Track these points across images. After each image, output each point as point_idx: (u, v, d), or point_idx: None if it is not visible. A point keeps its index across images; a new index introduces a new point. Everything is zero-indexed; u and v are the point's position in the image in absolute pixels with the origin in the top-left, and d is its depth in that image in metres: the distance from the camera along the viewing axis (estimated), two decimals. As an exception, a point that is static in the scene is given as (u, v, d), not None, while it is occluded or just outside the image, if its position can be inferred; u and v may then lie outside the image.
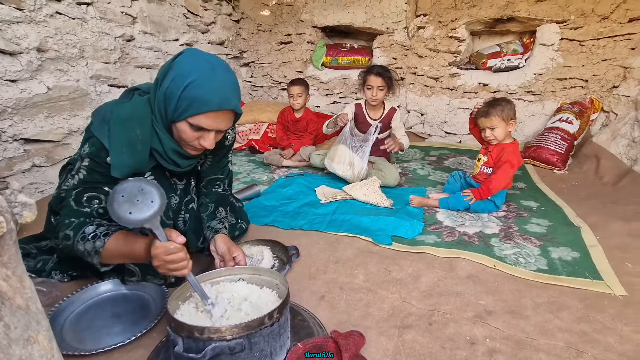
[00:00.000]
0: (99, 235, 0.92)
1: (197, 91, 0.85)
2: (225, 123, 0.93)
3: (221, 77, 0.89)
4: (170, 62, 0.90)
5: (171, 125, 0.92)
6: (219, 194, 1.20)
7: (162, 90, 0.89)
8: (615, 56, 2.55)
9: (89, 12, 2.12)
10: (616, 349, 0.93)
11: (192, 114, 0.87)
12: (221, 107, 0.88)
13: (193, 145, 0.94)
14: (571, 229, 1.55)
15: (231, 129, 1.16)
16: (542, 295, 1.15)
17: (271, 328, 0.73)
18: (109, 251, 0.92)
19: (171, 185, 1.07)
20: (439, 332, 0.99)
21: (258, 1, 3.57)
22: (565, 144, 2.41)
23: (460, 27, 2.95)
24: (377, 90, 2.13)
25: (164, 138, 0.94)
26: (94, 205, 0.97)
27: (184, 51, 0.91)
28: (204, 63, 0.88)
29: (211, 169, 1.18)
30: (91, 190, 0.96)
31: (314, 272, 1.29)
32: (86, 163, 0.95)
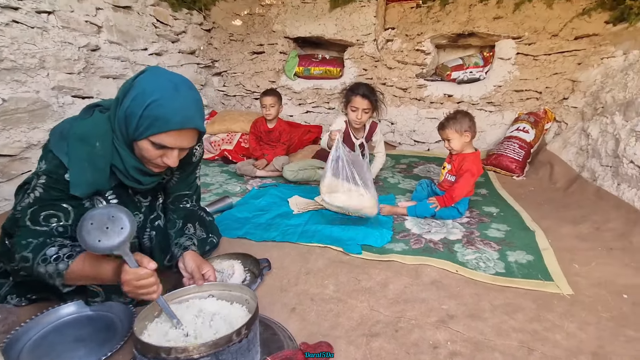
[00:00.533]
0: (62, 257, 0.89)
1: (159, 110, 0.85)
2: (189, 141, 0.93)
3: (184, 96, 0.88)
4: (131, 80, 0.89)
5: (132, 143, 0.91)
6: (188, 210, 1.20)
7: (122, 109, 0.88)
8: (564, 70, 2.78)
9: (50, 21, 2.05)
10: (563, 345, 1.02)
11: (154, 133, 0.86)
12: (184, 126, 0.88)
13: (156, 163, 0.94)
14: (527, 233, 1.66)
15: (198, 145, 1.16)
16: (499, 298, 1.23)
17: (239, 344, 0.74)
18: (73, 274, 0.89)
19: (135, 202, 1.06)
20: (404, 339, 1.04)
21: (230, 11, 3.58)
22: (522, 152, 2.58)
23: (426, 41, 3.09)
24: (362, 113, 2.00)
25: (125, 155, 0.93)
26: (52, 224, 0.93)
27: (146, 69, 0.91)
28: (166, 82, 0.87)
29: (178, 185, 1.17)
30: (48, 207, 0.93)
31: (285, 284, 1.30)
32: (42, 180, 0.92)
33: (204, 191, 2.24)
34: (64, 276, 0.89)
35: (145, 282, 0.82)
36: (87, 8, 2.26)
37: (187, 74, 3.35)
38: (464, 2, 2.96)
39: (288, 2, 3.42)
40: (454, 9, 2.99)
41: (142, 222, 1.08)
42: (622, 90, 2.03)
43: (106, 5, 2.40)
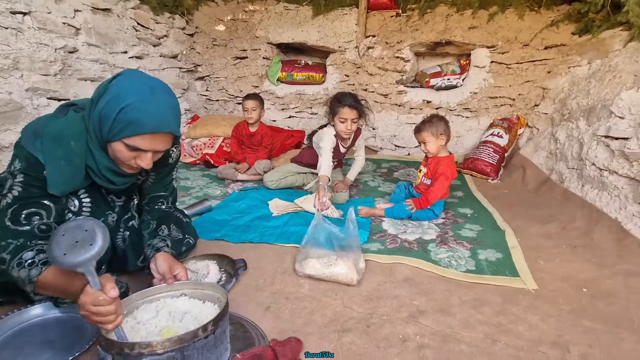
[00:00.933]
0: (37, 263, 0.87)
1: (134, 114, 0.85)
2: (163, 145, 0.93)
3: (160, 100, 0.89)
4: (107, 82, 0.90)
5: (106, 144, 0.92)
6: (162, 211, 1.20)
7: (97, 111, 0.88)
8: (535, 78, 2.91)
9: (25, 22, 2.02)
10: (525, 336, 1.06)
11: (128, 135, 0.87)
12: (158, 130, 0.89)
13: (129, 164, 0.94)
14: (497, 233, 1.73)
15: (175, 147, 1.16)
16: (468, 294, 1.27)
17: (205, 340, 0.75)
18: (44, 283, 0.86)
19: (108, 202, 1.05)
20: (375, 334, 1.07)
21: (213, 16, 3.59)
22: (497, 156, 2.67)
23: (405, 49, 3.19)
24: (351, 123, 2.00)
25: (98, 156, 0.93)
26: (34, 222, 0.92)
27: (122, 72, 0.92)
28: (142, 86, 0.88)
29: (154, 186, 1.17)
30: (29, 206, 0.92)
31: (261, 284, 1.31)
32: (20, 179, 0.90)
33: (183, 194, 2.22)
34: (34, 283, 0.87)
35: (102, 309, 0.75)
36: (65, 10, 2.24)
37: (169, 78, 3.34)
38: (441, 12, 3.07)
39: (271, 8, 3.47)
40: (431, 18, 3.10)
41: (115, 222, 1.08)
42: (585, 97, 2.15)
43: (85, 8, 2.38)
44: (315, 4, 3.33)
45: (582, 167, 1.96)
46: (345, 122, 2.00)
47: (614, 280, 1.32)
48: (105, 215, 1.03)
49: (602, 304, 1.21)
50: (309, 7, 3.38)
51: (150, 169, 1.12)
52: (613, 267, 1.40)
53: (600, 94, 2.00)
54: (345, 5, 3.30)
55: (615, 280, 1.32)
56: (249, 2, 3.50)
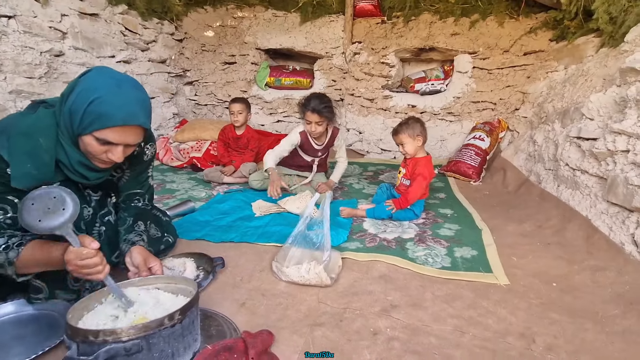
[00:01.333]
0: (12, 246, 0.90)
1: (102, 107, 0.87)
2: (133, 138, 0.95)
3: (127, 93, 0.91)
4: (77, 78, 0.92)
5: (77, 139, 0.93)
6: (139, 208, 1.21)
7: (67, 105, 0.90)
8: (515, 83, 2.99)
9: (10, 26, 2.04)
10: (493, 328, 1.09)
11: (98, 128, 0.89)
12: (126, 123, 0.91)
13: (101, 158, 0.95)
14: (474, 231, 1.77)
15: (150, 144, 1.18)
16: (442, 289, 1.30)
17: (172, 329, 0.76)
18: (24, 261, 0.90)
19: (84, 197, 1.07)
20: (347, 327, 1.09)
21: (202, 22, 3.64)
22: (479, 159, 2.73)
23: (390, 54, 3.26)
24: (316, 125, 2.10)
25: (70, 151, 0.94)
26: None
27: (92, 69, 0.94)
28: (109, 80, 0.90)
29: (129, 183, 1.19)
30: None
31: (238, 281, 1.33)
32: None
33: (168, 197, 2.23)
34: (14, 264, 0.89)
35: (88, 262, 0.83)
36: (52, 14, 2.26)
37: (157, 83, 3.37)
38: (424, 19, 3.15)
39: (260, 15, 3.53)
40: (415, 25, 3.18)
41: (91, 216, 1.09)
42: (560, 100, 2.22)
43: (72, 12, 2.40)
44: (303, 11, 3.40)
45: (557, 168, 2.02)
46: (310, 124, 2.11)
47: (582, 275, 1.36)
48: (81, 209, 1.04)
49: (570, 297, 1.25)
50: (297, 14, 3.45)
51: (125, 167, 1.14)
52: (582, 262, 1.44)
53: (573, 97, 2.08)
54: (332, 13, 3.38)
55: (583, 275, 1.36)
56: (238, 8, 3.56)
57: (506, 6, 2.92)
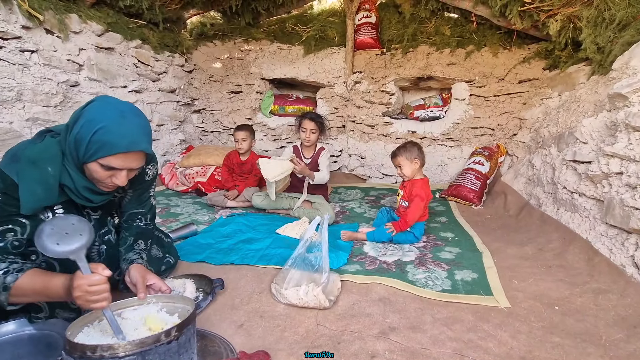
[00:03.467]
0: (12, 271, 0.91)
1: (107, 136, 0.92)
2: (136, 162, 1.00)
3: (130, 122, 0.96)
4: (81, 109, 0.98)
5: (82, 166, 0.98)
6: (141, 228, 1.24)
7: (72, 135, 0.95)
8: (512, 109, 3.07)
9: (32, 59, 2.18)
10: (493, 352, 1.07)
11: (102, 156, 0.93)
12: (129, 149, 0.95)
13: (105, 183, 1.00)
14: (475, 254, 1.76)
15: (152, 165, 1.23)
16: (442, 312, 1.29)
17: (168, 346, 0.77)
18: (20, 288, 0.90)
19: (83, 216, 1.10)
20: (344, 350, 1.08)
21: (210, 55, 3.84)
22: (479, 183, 2.76)
23: (390, 83, 3.39)
24: (310, 133, 2.42)
25: (75, 176, 0.99)
26: (8, 238, 0.97)
27: (94, 99, 1.00)
28: (113, 110, 0.95)
29: (131, 203, 1.23)
30: (5, 223, 0.97)
31: (237, 303, 1.33)
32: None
33: (171, 220, 2.27)
34: (9, 289, 0.90)
35: (97, 288, 0.84)
36: (71, 48, 2.42)
37: (166, 111, 3.51)
38: (422, 50, 3.30)
39: (265, 48, 3.72)
40: (413, 56, 3.33)
41: None
42: (555, 125, 2.28)
43: (89, 47, 2.57)
44: (306, 44, 3.58)
45: (556, 191, 2.04)
46: (306, 131, 2.42)
47: (584, 298, 1.35)
48: None
49: (572, 320, 1.23)
50: (301, 47, 3.63)
51: (127, 187, 1.19)
52: (584, 285, 1.43)
53: (567, 122, 2.13)
54: (333, 45, 3.55)
55: (585, 298, 1.35)
56: (245, 42, 3.77)
57: (499, 38, 3.06)
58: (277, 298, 1.34)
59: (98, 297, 0.85)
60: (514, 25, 2.67)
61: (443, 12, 3.32)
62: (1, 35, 1.96)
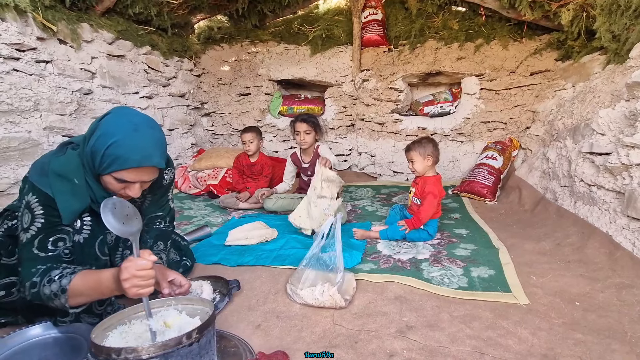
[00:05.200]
0: (65, 274, 0.95)
1: (119, 150, 0.94)
2: (148, 176, 1.02)
3: (142, 136, 0.97)
4: (98, 121, 1.01)
5: (98, 176, 1.02)
6: (160, 230, 1.27)
7: (89, 147, 0.98)
8: (524, 102, 3.01)
9: (47, 69, 2.24)
10: (514, 349, 1.06)
11: (115, 170, 0.96)
12: (141, 164, 0.97)
13: (120, 194, 1.04)
14: (491, 251, 1.74)
15: (169, 169, 1.26)
16: (459, 309, 1.28)
17: (189, 348, 0.79)
18: (76, 287, 0.94)
19: None
20: (362, 349, 1.08)
21: (218, 58, 3.88)
22: (492, 178, 2.71)
23: (398, 80, 3.36)
24: (305, 135, 2.35)
25: (94, 186, 1.02)
26: (59, 247, 1.01)
27: (111, 111, 1.02)
28: (127, 124, 0.97)
29: (151, 207, 1.26)
30: (54, 233, 1.00)
31: (254, 303, 1.34)
32: (40, 211, 0.99)
33: (185, 223, 2.30)
34: (67, 291, 0.93)
35: (145, 273, 0.87)
36: (83, 57, 2.48)
37: (177, 115, 3.56)
38: (430, 46, 3.27)
39: (272, 49, 3.74)
40: (421, 52, 3.30)
41: (114, 241, 1.15)
42: (569, 117, 2.22)
43: (101, 55, 2.63)
44: (313, 44, 3.59)
45: (573, 184, 1.99)
46: (299, 134, 2.37)
47: (607, 294, 1.31)
48: (104, 234, 1.10)
49: (594, 316, 1.20)
50: (307, 47, 3.63)
51: (146, 192, 1.21)
52: (606, 280, 1.39)
53: (582, 114, 2.08)
54: (340, 44, 3.54)
55: (607, 294, 1.31)
56: (252, 44, 3.79)
57: (509, 30, 3.00)
58: (293, 298, 1.35)
59: (144, 283, 0.87)
60: (524, 16, 2.62)
61: (450, 6, 3.28)
62: (18, 47, 2.02)
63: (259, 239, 1.91)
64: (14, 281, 1.10)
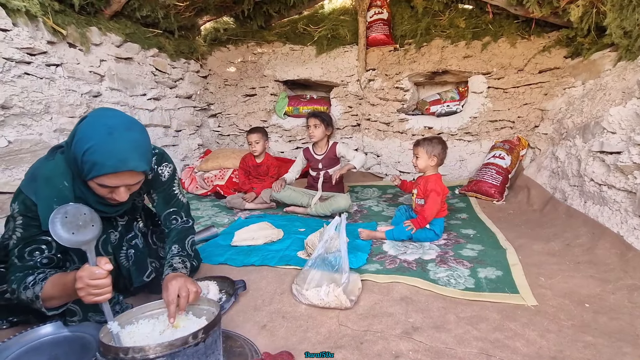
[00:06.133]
0: (38, 281, 0.97)
1: (94, 156, 0.91)
2: (130, 179, 0.98)
3: (117, 140, 0.92)
4: (77, 125, 0.98)
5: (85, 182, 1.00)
6: (177, 230, 1.26)
7: (71, 153, 0.97)
8: (533, 101, 2.97)
9: (57, 72, 2.28)
10: (521, 352, 1.05)
11: (95, 176, 0.93)
12: (117, 170, 0.93)
13: (108, 198, 1.01)
14: (499, 251, 1.72)
15: (164, 165, 1.22)
16: (466, 311, 1.26)
17: (195, 348, 0.79)
18: (46, 292, 0.95)
19: (110, 221, 1.14)
20: (368, 350, 1.07)
21: (224, 59, 3.91)
22: (500, 177, 2.68)
23: (404, 79, 3.34)
24: (314, 128, 2.61)
25: (85, 191, 1.02)
26: (36, 257, 1.02)
27: (89, 114, 0.98)
28: (101, 127, 0.93)
29: (160, 206, 1.26)
30: (31, 244, 1.02)
31: (259, 304, 1.35)
32: (20, 221, 1.00)
33: (192, 223, 2.32)
34: (40, 297, 0.95)
35: (98, 282, 0.84)
36: (92, 60, 2.52)
37: (184, 117, 3.59)
38: (436, 44, 3.24)
39: (278, 50, 3.75)
40: (427, 50, 3.27)
41: (118, 240, 1.16)
42: (579, 115, 2.18)
43: (109, 58, 2.66)
44: (319, 44, 3.59)
45: (582, 184, 1.96)
46: (310, 127, 2.65)
47: (618, 295, 1.29)
48: (107, 234, 1.11)
49: (605, 318, 1.18)
50: (313, 47, 3.63)
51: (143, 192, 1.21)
52: (617, 282, 1.37)
53: (592, 112, 2.04)
54: (346, 44, 3.54)
55: (619, 295, 1.29)
56: (257, 45, 3.81)
57: (517, 27, 2.96)
58: (298, 299, 1.35)
59: (97, 292, 0.85)
60: (532, 13, 2.58)
61: (457, 3, 3.24)
62: (29, 51, 2.06)
63: (265, 239, 1.92)
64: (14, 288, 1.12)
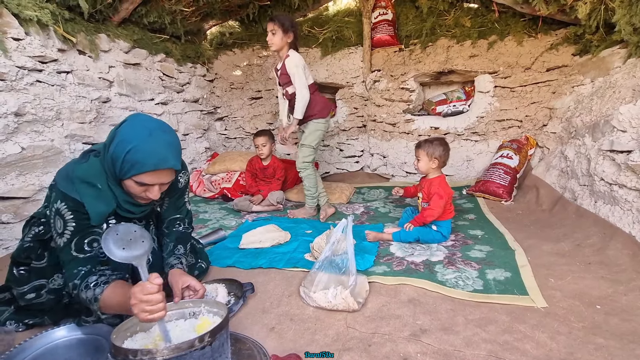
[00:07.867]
0: (100, 283, 1.01)
1: (137, 155, 0.99)
2: (166, 178, 1.07)
3: (157, 140, 1.02)
4: (115, 128, 1.06)
5: (120, 181, 1.07)
6: (179, 232, 1.31)
7: (109, 154, 1.03)
8: (540, 99, 2.94)
9: (68, 79, 2.33)
10: (531, 354, 1.04)
11: (135, 174, 1.01)
12: (158, 167, 1.02)
13: (141, 196, 1.09)
14: (507, 252, 1.70)
15: (183, 173, 1.30)
16: (474, 313, 1.26)
17: (202, 351, 0.81)
18: (106, 298, 0.98)
19: None
20: (376, 352, 1.08)
21: (230, 63, 3.94)
22: (508, 177, 2.66)
23: (410, 80, 3.33)
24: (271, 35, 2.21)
25: (117, 191, 1.08)
26: (95, 247, 1.07)
27: (127, 118, 1.07)
28: (142, 129, 1.02)
29: (169, 210, 1.30)
30: (89, 234, 1.06)
31: (267, 306, 1.36)
32: (71, 216, 1.04)
33: (200, 226, 2.35)
34: (99, 301, 0.99)
35: (151, 298, 0.84)
36: (101, 67, 2.57)
37: (191, 120, 3.63)
38: (441, 44, 3.22)
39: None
40: (433, 50, 3.26)
41: None
42: (588, 113, 2.15)
43: (118, 64, 2.71)
44: (323, 46, 3.60)
45: (592, 183, 1.93)
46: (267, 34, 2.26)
47: (630, 297, 1.27)
48: None
49: (617, 320, 1.16)
50: (318, 49, 3.65)
51: (163, 195, 1.25)
52: (629, 283, 1.34)
53: (602, 110, 2.01)
54: (350, 45, 3.54)
55: (631, 297, 1.27)
56: (263, 48, 3.83)
57: (523, 25, 2.93)
58: (306, 301, 1.36)
59: (152, 308, 0.84)
60: (539, 11, 2.56)
61: (462, 2, 3.23)
62: (41, 59, 2.11)
63: (272, 242, 1.93)
64: (43, 284, 1.16)
